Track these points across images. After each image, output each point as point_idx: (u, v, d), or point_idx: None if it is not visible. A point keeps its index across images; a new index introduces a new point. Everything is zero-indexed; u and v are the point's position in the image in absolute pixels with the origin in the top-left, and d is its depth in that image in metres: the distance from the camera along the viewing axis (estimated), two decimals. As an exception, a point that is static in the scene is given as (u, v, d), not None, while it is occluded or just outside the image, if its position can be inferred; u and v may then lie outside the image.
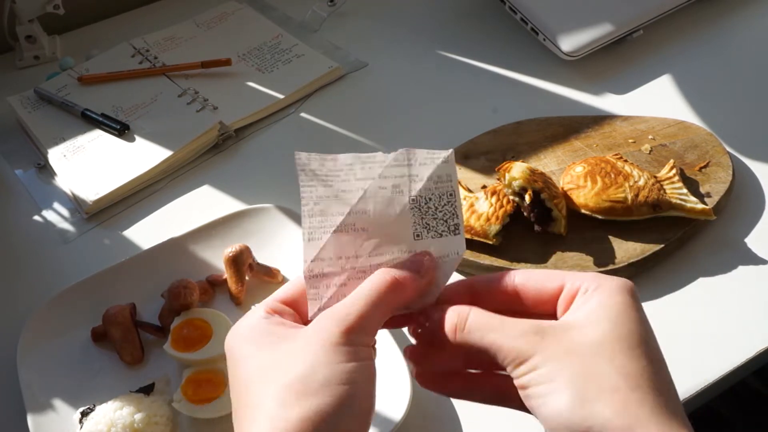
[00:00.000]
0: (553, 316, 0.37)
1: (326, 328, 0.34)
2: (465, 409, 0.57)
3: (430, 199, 0.38)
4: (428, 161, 0.39)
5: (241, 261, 0.64)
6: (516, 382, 0.34)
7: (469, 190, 0.69)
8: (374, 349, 0.37)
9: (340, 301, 0.36)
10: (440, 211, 0.39)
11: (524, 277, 0.38)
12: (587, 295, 0.35)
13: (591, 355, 0.33)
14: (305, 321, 0.38)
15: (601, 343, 0.33)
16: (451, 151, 0.39)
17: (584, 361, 0.32)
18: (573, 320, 0.35)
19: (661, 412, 0.31)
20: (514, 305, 0.38)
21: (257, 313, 0.37)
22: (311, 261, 0.37)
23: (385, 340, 0.58)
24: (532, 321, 0.35)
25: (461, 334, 0.36)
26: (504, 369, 0.35)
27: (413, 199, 0.38)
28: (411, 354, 0.40)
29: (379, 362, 0.58)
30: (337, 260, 0.38)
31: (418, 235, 0.38)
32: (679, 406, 0.33)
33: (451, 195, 0.38)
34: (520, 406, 0.36)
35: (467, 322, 0.36)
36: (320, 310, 0.37)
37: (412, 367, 0.40)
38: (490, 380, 0.39)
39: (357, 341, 0.34)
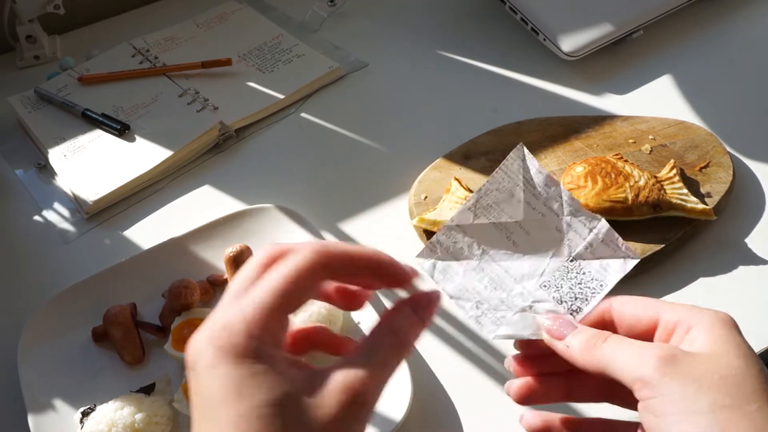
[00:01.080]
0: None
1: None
2: (465, 409, 0.57)
3: (584, 273, 0.39)
4: (612, 245, 0.39)
5: (241, 261, 0.64)
6: (640, 405, 0.33)
7: (470, 190, 0.69)
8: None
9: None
10: (580, 289, 0.39)
11: (620, 303, 0.37)
12: (695, 331, 0.34)
13: (726, 391, 0.31)
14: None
15: (735, 380, 0.32)
16: (637, 256, 0.39)
17: (719, 396, 0.31)
18: (697, 348, 0.33)
19: None
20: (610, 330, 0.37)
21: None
22: (457, 225, 0.39)
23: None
24: (662, 345, 0.34)
25: (594, 356, 0.35)
26: (611, 387, 0.35)
27: (572, 259, 0.39)
28: (515, 394, 0.39)
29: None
30: (476, 245, 0.39)
31: (544, 285, 0.39)
32: None
33: (600, 288, 0.38)
34: (626, 403, 0.36)
35: (604, 343, 0.35)
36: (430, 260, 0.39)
37: (521, 417, 0.40)
38: (593, 382, 0.38)
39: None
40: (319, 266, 0.33)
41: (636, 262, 0.38)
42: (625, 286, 0.62)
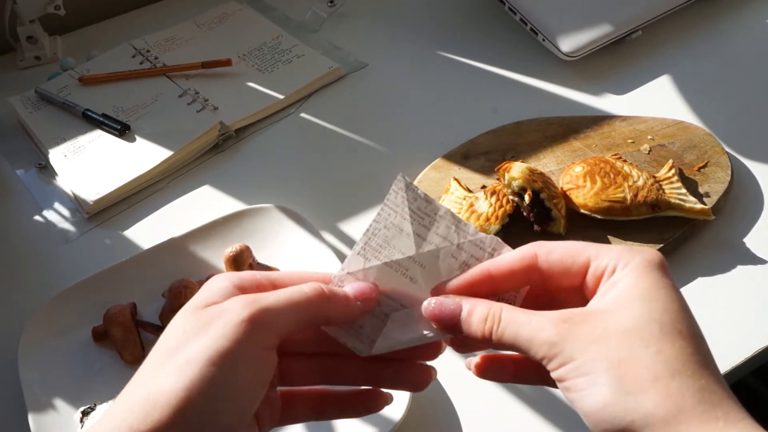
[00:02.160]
0: (580, 291, 0.35)
1: (236, 309, 0.33)
2: (465, 409, 0.57)
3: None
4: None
5: (241, 261, 0.64)
6: (552, 376, 0.33)
7: (469, 190, 0.69)
8: (275, 354, 0.35)
9: (271, 292, 0.35)
10: None
11: (547, 251, 0.36)
12: (616, 275, 0.34)
13: (625, 343, 0.31)
14: None
15: (634, 329, 0.31)
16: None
17: (619, 349, 0.31)
18: (603, 305, 0.33)
19: (703, 396, 0.30)
20: (538, 283, 0.36)
21: (231, 288, 0.36)
22: (347, 272, 0.37)
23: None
24: (561, 311, 0.33)
25: (496, 337, 0.34)
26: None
27: None
28: (452, 343, 0.38)
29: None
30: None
31: None
32: (723, 382, 0.31)
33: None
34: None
35: (500, 324, 0.34)
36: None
37: (467, 361, 0.39)
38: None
39: (260, 330, 0.33)
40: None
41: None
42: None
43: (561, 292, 0.36)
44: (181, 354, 0.33)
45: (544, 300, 0.37)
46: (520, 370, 0.38)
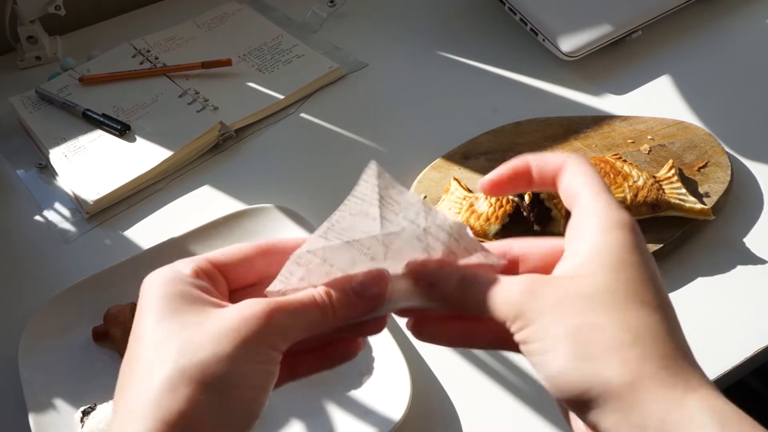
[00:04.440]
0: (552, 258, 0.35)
1: (249, 321, 0.32)
2: (465, 409, 0.57)
3: None
4: (477, 253, 0.36)
5: (241, 261, 0.64)
6: (514, 339, 0.32)
7: (469, 190, 0.69)
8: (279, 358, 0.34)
9: (281, 297, 0.34)
10: None
11: (521, 240, 0.36)
12: (587, 228, 0.33)
13: (587, 309, 0.30)
14: (231, 289, 0.36)
15: (596, 295, 0.30)
16: (503, 262, 0.36)
17: (580, 315, 0.30)
18: (568, 270, 0.32)
19: (663, 363, 0.29)
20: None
21: (183, 269, 0.35)
22: (307, 251, 0.36)
23: (384, 340, 0.59)
24: (526, 275, 0.33)
25: (463, 295, 0.34)
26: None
27: None
28: (413, 328, 0.37)
29: (378, 362, 0.58)
30: (329, 266, 0.36)
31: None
32: (688, 353, 0.30)
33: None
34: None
35: (469, 283, 0.34)
36: (280, 293, 0.36)
37: (406, 322, 0.38)
38: (489, 325, 0.35)
39: (274, 344, 0.32)
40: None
41: (502, 264, 0.36)
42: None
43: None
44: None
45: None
46: (465, 334, 0.37)
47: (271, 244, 0.38)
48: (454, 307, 0.35)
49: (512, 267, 0.36)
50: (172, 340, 0.32)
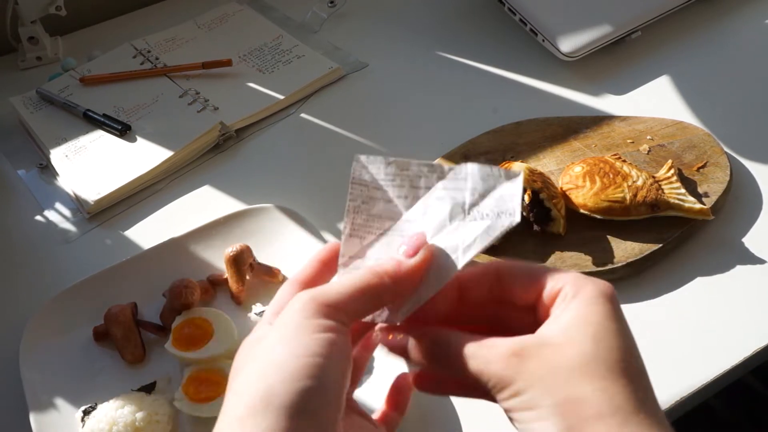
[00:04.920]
0: (533, 311, 0.37)
1: (302, 304, 0.34)
2: (465, 409, 0.57)
3: (486, 215, 0.37)
4: (491, 177, 0.37)
5: (241, 261, 0.64)
6: (501, 406, 0.34)
7: (469, 190, 0.69)
8: (349, 331, 0.35)
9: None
10: (468, 235, 0.37)
11: (508, 268, 0.37)
12: (566, 302, 0.35)
13: (572, 380, 0.32)
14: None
15: (581, 366, 0.33)
16: (519, 172, 0.37)
17: (565, 387, 0.32)
18: (553, 336, 0.34)
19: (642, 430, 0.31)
20: (499, 295, 0.38)
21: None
22: (349, 257, 0.37)
23: (384, 339, 0.59)
24: (511, 342, 0.34)
25: (445, 365, 0.35)
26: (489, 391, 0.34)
27: (469, 211, 0.37)
28: (417, 383, 0.40)
29: (378, 362, 0.58)
30: (377, 261, 0.37)
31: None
32: (660, 413, 0.33)
33: (510, 215, 0.36)
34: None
35: (449, 351, 0.35)
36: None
37: (410, 371, 0.40)
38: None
39: (333, 315, 0.34)
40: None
41: (519, 173, 0.36)
42: (624, 285, 0.62)
43: (514, 311, 0.37)
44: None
45: (499, 320, 0.38)
46: (463, 388, 0.39)
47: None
48: (434, 369, 0.37)
49: (500, 290, 0.37)
50: (252, 355, 0.34)
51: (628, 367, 0.33)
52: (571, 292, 0.35)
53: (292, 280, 0.38)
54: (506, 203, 0.36)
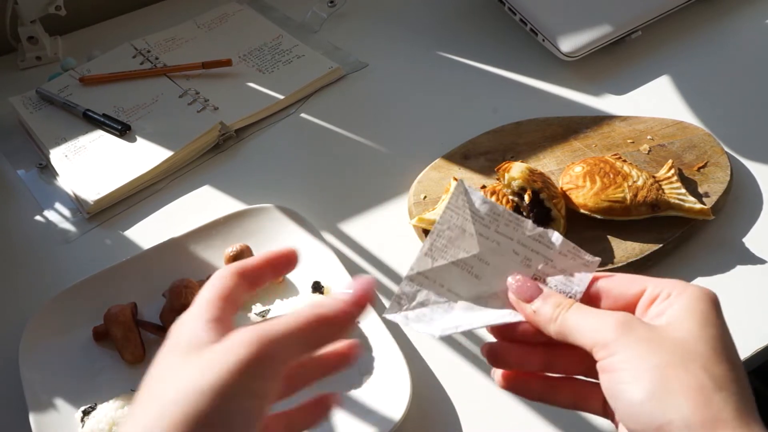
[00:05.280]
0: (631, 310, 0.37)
1: (238, 351, 0.32)
2: (465, 409, 0.57)
3: (553, 287, 0.39)
4: (570, 255, 0.39)
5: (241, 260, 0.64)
6: (598, 366, 0.34)
7: (469, 190, 0.69)
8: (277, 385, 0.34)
9: (274, 322, 0.34)
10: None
11: (607, 280, 0.38)
12: (670, 299, 0.35)
13: (676, 352, 0.33)
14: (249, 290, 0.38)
15: (687, 342, 0.33)
16: (597, 260, 0.39)
17: (669, 355, 0.33)
18: (659, 319, 0.35)
19: (740, 416, 0.31)
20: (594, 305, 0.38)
21: (198, 323, 0.35)
22: (417, 272, 0.39)
23: (384, 339, 0.59)
24: (623, 312, 0.35)
25: (559, 321, 0.36)
26: (588, 362, 0.35)
27: (534, 277, 0.39)
28: (488, 352, 0.40)
29: (378, 362, 0.58)
30: (440, 287, 0.39)
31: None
32: (756, 413, 0.33)
33: (572, 296, 0.38)
34: (600, 410, 0.37)
35: (567, 312, 0.36)
36: (400, 312, 0.39)
37: (493, 371, 0.41)
38: (570, 385, 0.39)
39: (270, 372, 0.33)
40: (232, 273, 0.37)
41: (597, 261, 0.39)
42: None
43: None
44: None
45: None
46: (546, 390, 0.40)
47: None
48: (548, 329, 0.37)
49: (594, 299, 0.38)
50: (174, 373, 0.33)
51: (731, 357, 0.33)
52: (675, 292, 0.36)
53: (235, 269, 0.38)
54: (573, 286, 0.39)
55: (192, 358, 0.33)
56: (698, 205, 0.64)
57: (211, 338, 0.33)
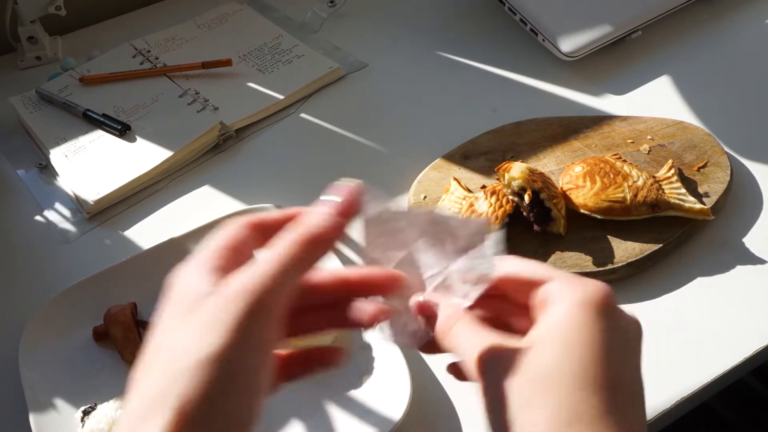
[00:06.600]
0: (528, 311, 0.37)
1: (232, 306, 0.32)
2: (465, 409, 0.57)
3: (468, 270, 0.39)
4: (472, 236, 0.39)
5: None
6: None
7: (469, 190, 0.69)
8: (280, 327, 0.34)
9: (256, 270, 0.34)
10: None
11: (508, 265, 0.38)
12: (548, 308, 0.35)
13: (531, 389, 0.32)
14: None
15: (544, 375, 0.33)
16: (496, 237, 0.39)
17: (526, 392, 0.33)
18: (531, 340, 0.34)
19: None
20: (500, 289, 0.38)
21: (198, 274, 0.35)
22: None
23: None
24: (498, 337, 0.35)
25: (447, 339, 0.37)
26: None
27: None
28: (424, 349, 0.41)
29: (378, 362, 0.58)
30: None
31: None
32: (624, 425, 0.32)
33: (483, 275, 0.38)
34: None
35: (452, 329, 0.37)
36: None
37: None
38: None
39: (263, 319, 0.32)
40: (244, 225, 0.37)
41: (496, 236, 0.38)
42: (624, 285, 0.62)
43: (513, 313, 0.38)
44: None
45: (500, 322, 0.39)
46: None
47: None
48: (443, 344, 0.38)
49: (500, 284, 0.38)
50: (176, 336, 0.33)
51: (598, 378, 0.32)
52: (557, 298, 0.35)
53: (250, 220, 0.38)
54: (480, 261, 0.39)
55: (191, 318, 0.33)
56: (698, 205, 0.64)
57: (211, 291, 0.33)
